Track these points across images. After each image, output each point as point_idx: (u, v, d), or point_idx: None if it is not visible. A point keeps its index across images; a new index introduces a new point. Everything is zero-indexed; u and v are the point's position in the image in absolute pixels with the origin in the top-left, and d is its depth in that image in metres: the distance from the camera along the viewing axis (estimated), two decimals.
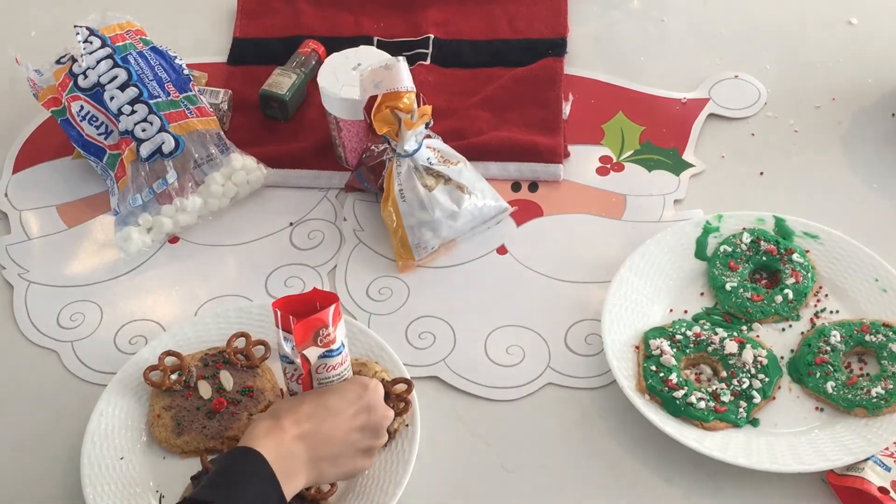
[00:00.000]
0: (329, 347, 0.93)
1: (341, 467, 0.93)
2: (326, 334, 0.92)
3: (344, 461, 0.93)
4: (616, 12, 1.44)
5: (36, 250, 1.20)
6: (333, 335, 0.92)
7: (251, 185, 1.22)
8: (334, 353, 0.94)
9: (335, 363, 0.94)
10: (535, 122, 1.27)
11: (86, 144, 1.22)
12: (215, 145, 1.21)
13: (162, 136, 1.18)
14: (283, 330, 0.92)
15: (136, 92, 1.19)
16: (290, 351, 0.93)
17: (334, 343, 0.93)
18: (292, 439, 0.89)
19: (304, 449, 0.90)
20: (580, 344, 1.09)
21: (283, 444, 0.88)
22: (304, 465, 0.89)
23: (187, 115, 1.20)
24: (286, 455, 0.88)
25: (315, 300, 0.93)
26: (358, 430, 0.93)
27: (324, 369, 0.94)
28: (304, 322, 0.90)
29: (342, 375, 0.96)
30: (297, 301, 0.93)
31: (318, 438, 0.91)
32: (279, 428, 0.89)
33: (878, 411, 0.99)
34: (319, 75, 1.19)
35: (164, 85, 1.21)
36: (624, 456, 1.00)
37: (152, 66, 1.22)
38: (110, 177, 1.21)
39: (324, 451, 0.91)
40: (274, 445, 0.88)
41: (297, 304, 0.93)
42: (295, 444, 0.89)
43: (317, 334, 0.92)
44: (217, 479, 0.85)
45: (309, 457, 0.90)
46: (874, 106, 1.30)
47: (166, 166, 1.18)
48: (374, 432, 0.94)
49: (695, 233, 1.14)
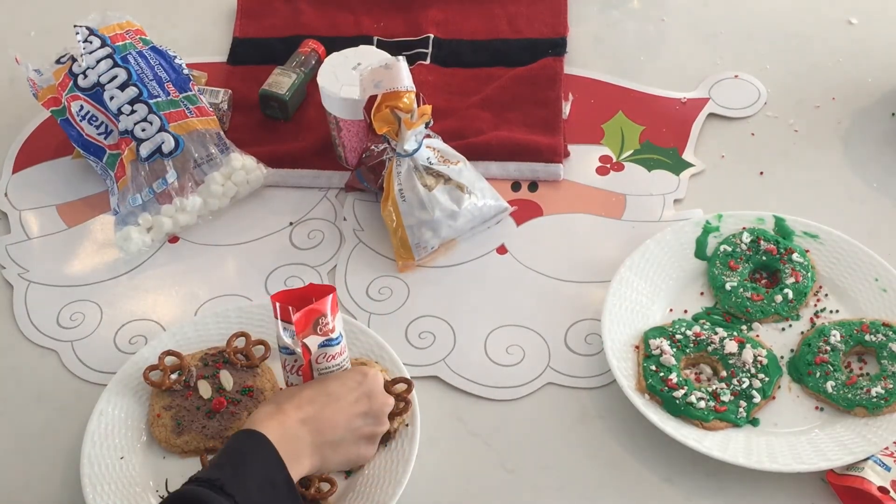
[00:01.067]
0: (328, 336, 0.94)
1: (344, 454, 0.93)
2: (325, 323, 0.93)
3: (347, 447, 0.93)
4: (616, 12, 1.44)
5: (36, 250, 1.20)
6: (332, 324, 0.94)
7: (251, 185, 1.22)
8: (333, 343, 0.95)
9: (335, 353, 0.96)
10: (535, 122, 1.27)
11: (86, 144, 1.22)
12: (215, 145, 1.21)
13: (162, 135, 1.18)
14: (282, 321, 0.94)
15: (136, 92, 1.19)
16: (290, 341, 0.94)
17: (333, 332, 0.95)
18: (296, 423, 0.90)
19: (308, 433, 0.90)
20: (580, 343, 1.09)
21: (286, 426, 0.89)
22: (307, 449, 0.90)
23: (187, 114, 1.20)
24: (291, 438, 0.89)
25: (311, 294, 0.94)
26: (360, 417, 0.94)
27: (323, 359, 0.95)
28: (304, 311, 0.92)
29: (341, 365, 0.97)
30: (296, 295, 0.95)
31: (321, 423, 0.91)
32: (281, 412, 0.90)
33: (877, 411, 0.99)
34: (319, 75, 1.19)
35: (164, 85, 1.21)
36: (624, 456, 1.00)
37: (152, 66, 1.22)
38: (110, 176, 1.21)
39: (327, 435, 0.91)
40: (277, 428, 0.88)
41: (295, 297, 0.95)
42: (299, 427, 0.90)
43: (316, 323, 0.93)
44: (222, 460, 0.86)
45: (313, 440, 0.90)
46: (874, 105, 1.30)
47: (166, 166, 1.18)
48: (375, 418, 0.95)
49: (695, 232, 1.14)
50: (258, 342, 1.07)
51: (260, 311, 1.09)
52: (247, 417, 1.01)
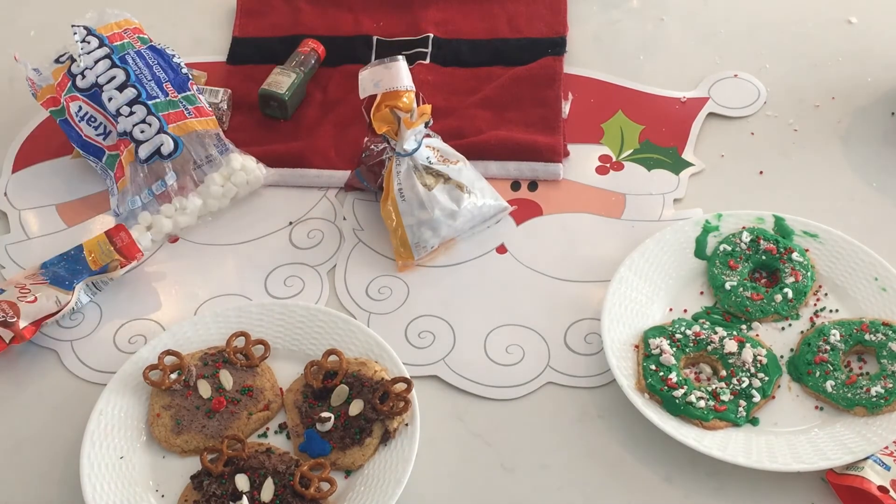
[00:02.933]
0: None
1: None
2: None
3: None
4: (615, 11, 1.44)
5: (36, 250, 1.20)
6: None
7: (251, 186, 1.22)
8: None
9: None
10: (534, 122, 1.27)
11: (85, 144, 1.22)
12: (214, 146, 1.20)
13: (161, 137, 1.18)
14: None
15: (135, 93, 1.19)
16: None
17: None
18: None
19: None
20: (580, 343, 1.09)
21: None
22: None
23: (186, 115, 1.20)
24: None
25: None
26: None
27: None
28: None
29: None
30: None
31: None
32: None
33: (877, 410, 0.99)
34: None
35: (163, 85, 1.21)
36: (623, 455, 1.00)
37: (150, 66, 1.21)
38: (110, 176, 1.21)
39: None
40: None
41: None
42: None
43: None
44: None
45: None
46: (874, 105, 1.30)
47: (165, 168, 1.18)
48: None
49: (694, 232, 1.14)
50: (258, 342, 1.07)
51: (259, 310, 1.09)
52: (246, 417, 1.02)
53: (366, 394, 1.01)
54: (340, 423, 1.00)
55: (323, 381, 1.02)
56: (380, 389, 1.00)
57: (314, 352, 1.06)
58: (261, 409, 1.03)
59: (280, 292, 1.14)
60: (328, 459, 0.98)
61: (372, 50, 1.38)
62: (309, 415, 1.01)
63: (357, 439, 0.99)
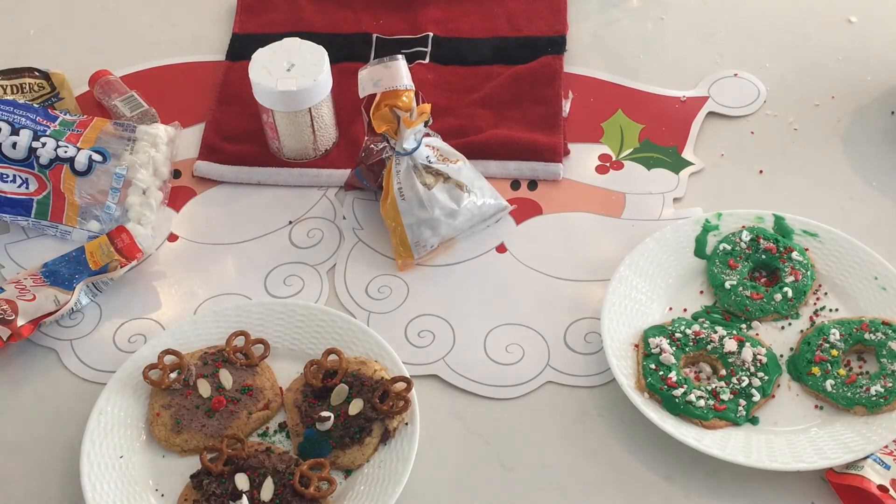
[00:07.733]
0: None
1: None
2: None
3: None
4: (615, 10, 1.44)
5: (35, 250, 1.20)
6: None
7: (168, 134, 1.23)
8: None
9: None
10: (534, 120, 1.27)
11: (11, 203, 1.18)
12: (122, 131, 1.21)
13: (81, 153, 1.18)
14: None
15: (30, 132, 1.18)
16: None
17: None
18: None
19: None
20: (579, 342, 1.09)
21: None
22: None
23: (78, 131, 1.20)
24: None
25: None
26: None
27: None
28: None
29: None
30: None
31: None
32: None
33: (877, 409, 0.99)
34: (251, 70, 1.18)
35: (38, 120, 1.20)
36: (623, 454, 1.01)
37: (12, 113, 1.20)
38: (50, 225, 1.18)
39: None
40: None
41: None
42: None
43: None
44: None
45: None
46: (874, 104, 1.30)
47: (109, 167, 1.18)
48: None
49: (694, 231, 1.14)
50: (257, 341, 1.07)
51: (259, 309, 1.09)
52: (246, 416, 1.02)
53: (365, 393, 1.01)
54: (340, 423, 1.00)
55: (323, 381, 1.02)
56: (379, 389, 1.00)
57: (314, 351, 1.07)
58: (260, 408, 1.03)
59: (280, 291, 1.14)
60: (328, 459, 0.98)
61: (371, 48, 1.38)
62: (309, 414, 1.01)
63: (357, 438, 0.99)
